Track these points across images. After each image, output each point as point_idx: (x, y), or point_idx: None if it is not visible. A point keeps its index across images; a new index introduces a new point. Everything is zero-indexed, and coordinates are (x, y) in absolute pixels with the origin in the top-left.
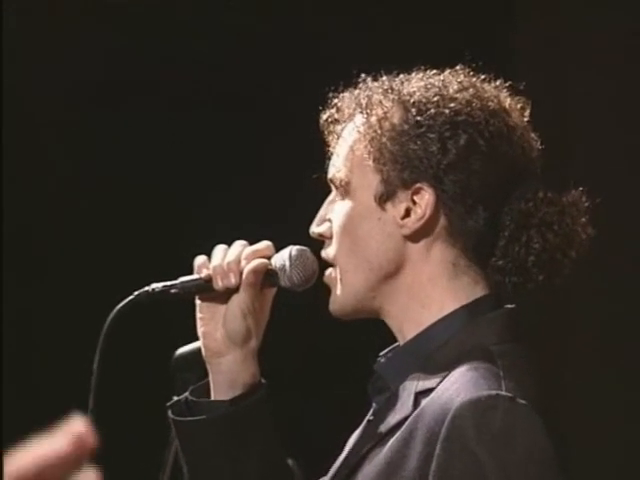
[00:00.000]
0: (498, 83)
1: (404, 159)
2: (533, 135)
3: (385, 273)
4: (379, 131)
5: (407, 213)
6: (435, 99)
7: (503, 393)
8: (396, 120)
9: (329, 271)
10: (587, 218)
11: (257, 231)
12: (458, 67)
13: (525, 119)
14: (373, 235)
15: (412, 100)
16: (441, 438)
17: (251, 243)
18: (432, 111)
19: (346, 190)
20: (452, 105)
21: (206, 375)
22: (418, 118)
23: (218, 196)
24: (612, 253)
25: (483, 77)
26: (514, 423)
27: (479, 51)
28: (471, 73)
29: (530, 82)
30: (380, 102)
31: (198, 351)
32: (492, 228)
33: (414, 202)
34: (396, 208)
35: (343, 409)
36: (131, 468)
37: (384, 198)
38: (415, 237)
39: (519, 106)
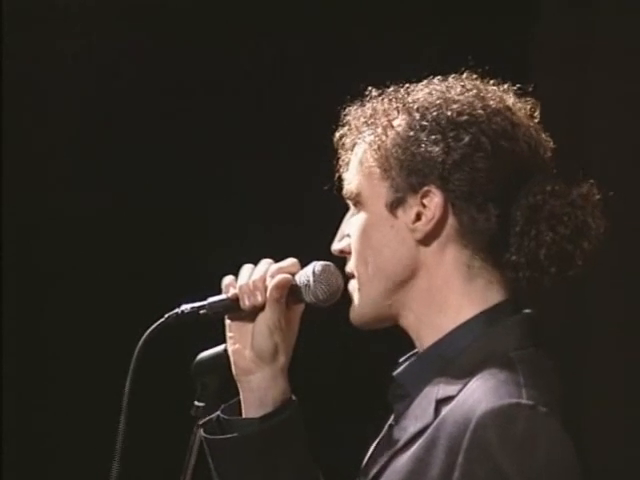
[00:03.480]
0: (506, 86)
1: (410, 163)
2: (543, 134)
3: (401, 279)
4: (384, 139)
5: (418, 217)
6: (438, 102)
7: (524, 401)
8: (400, 127)
9: (350, 283)
10: (599, 210)
11: (282, 248)
12: (465, 73)
13: (534, 118)
14: (386, 243)
15: (416, 106)
16: (464, 448)
17: (277, 261)
18: (434, 114)
19: (359, 202)
20: (454, 107)
21: (226, 379)
22: (422, 122)
23: (238, 212)
24: (634, 254)
25: (492, 81)
26: (536, 431)
27: (495, 53)
28: (475, 76)
29: (547, 82)
30: (385, 111)
31: (218, 356)
32: (503, 225)
33: (424, 205)
34: (407, 214)
35: (364, 419)
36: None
37: (395, 205)
38: (427, 240)
39: (527, 106)
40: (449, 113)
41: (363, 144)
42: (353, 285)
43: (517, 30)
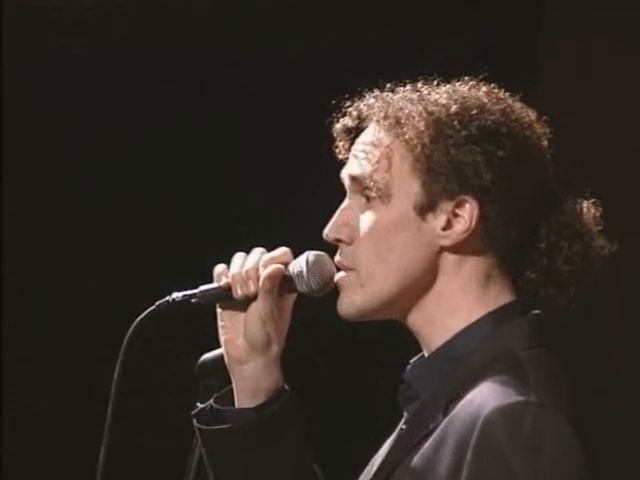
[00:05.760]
0: (508, 94)
1: (449, 171)
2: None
3: (417, 281)
4: (421, 141)
5: (448, 224)
6: (475, 111)
7: (532, 399)
8: (438, 131)
9: (343, 274)
10: (603, 227)
11: (274, 237)
12: (467, 78)
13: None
14: (410, 244)
15: (452, 111)
16: (471, 446)
17: (269, 250)
18: (475, 123)
19: (382, 198)
20: (493, 117)
21: (230, 381)
22: (464, 132)
23: (233, 203)
24: (635, 254)
25: (494, 89)
26: (543, 429)
27: (499, 55)
28: (482, 84)
29: (550, 85)
30: (420, 113)
31: (222, 357)
32: (529, 240)
33: (455, 214)
34: (437, 219)
35: (370, 417)
36: (154, 474)
37: (426, 208)
38: (454, 248)
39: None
40: (488, 123)
41: (390, 140)
42: (350, 278)
43: (520, 34)
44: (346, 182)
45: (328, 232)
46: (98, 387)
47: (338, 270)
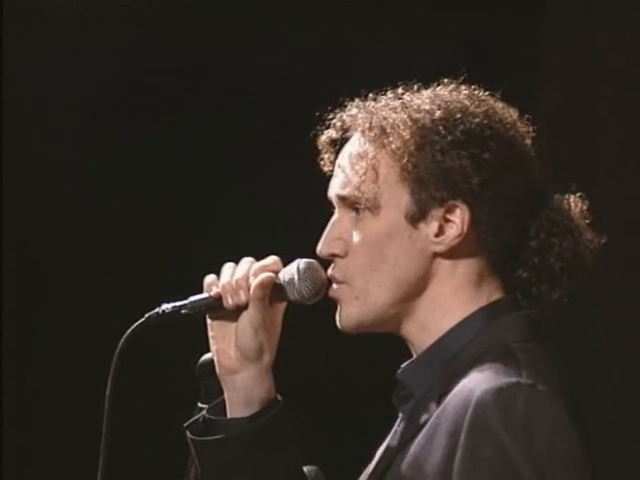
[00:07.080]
0: (489, 95)
1: (437, 177)
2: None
3: (411, 289)
4: (407, 150)
5: (440, 230)
6: (458, 115)
7: (524, 380)
8: (424, 139)
9: (335, 287)
10: (588, 220)
11: (266, 246)
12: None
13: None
14: (403, 253)
15: (436, 117)
16: (465, 428)
17: (260, 259)
18: (460, 127)
19: (371, 209)
20: (477, 120)
21: None
22: (449, 137)
23: (225, 212)
24: (631, 253)
25: (475, 90)
26: (536, 409)
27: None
28: (462, 86)
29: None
30: (404, 121)
31: None
32: (520, 239)
33: (446, 219)
34: (429, 226)
35: (369, 419)
36: None
37: (416, 217)
38: (447, 253)
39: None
40: (473, 127)
41: (375, 151)
42: (342, 291)
43: (522, 32)
44: (334, 200)
45: (321, 248)
46: (97, 388)
47: (330, 282)
